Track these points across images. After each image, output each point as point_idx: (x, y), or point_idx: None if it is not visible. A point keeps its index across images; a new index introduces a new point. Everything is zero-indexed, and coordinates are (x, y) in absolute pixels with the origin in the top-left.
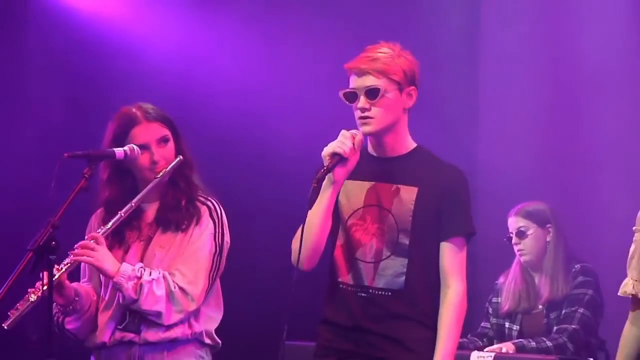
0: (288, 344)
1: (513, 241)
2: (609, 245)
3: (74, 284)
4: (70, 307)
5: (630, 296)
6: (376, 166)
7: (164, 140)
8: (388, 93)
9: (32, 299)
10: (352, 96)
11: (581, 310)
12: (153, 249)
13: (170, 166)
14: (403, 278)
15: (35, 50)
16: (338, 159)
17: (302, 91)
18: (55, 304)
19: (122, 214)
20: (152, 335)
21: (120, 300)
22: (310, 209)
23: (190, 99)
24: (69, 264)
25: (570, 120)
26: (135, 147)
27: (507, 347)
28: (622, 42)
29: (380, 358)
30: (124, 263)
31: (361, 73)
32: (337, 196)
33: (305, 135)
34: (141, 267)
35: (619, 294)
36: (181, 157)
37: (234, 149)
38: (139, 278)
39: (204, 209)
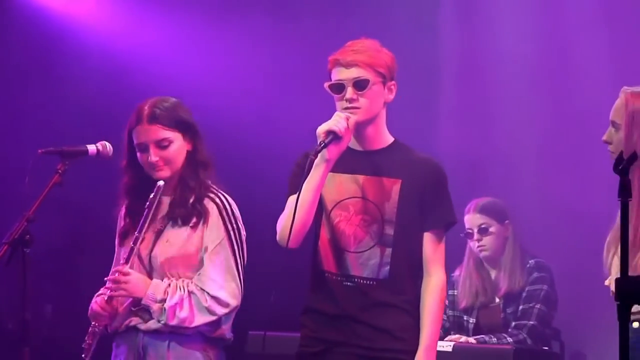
0: (271, 335)
1: (475, 237)
2: (560, 238)
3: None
4: None
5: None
6: (358, 159)
7: (163, 142)
8: (374, 85)
9: (97, 331)
10: (339, 87)
11: (538, 305)
12: (161, 242)
13: (152, 195)
14: (387, 267)
15: (13, 48)
16: (333, 136)
17: (275, 89)
18: None
19: (132, 245)
20: (154, 323)
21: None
22: (302, 184)
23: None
24: (106, 296)
25: (523, 115)
26: (107, 144)
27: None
28: (584, 39)
29: (367, 347)
30: (152, 283)
31: (348, 65)
32: None
33: (280, 132)
34: (167, 287)
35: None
36: (160, 183)
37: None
38: (164, 301)
39: (212, 207)
